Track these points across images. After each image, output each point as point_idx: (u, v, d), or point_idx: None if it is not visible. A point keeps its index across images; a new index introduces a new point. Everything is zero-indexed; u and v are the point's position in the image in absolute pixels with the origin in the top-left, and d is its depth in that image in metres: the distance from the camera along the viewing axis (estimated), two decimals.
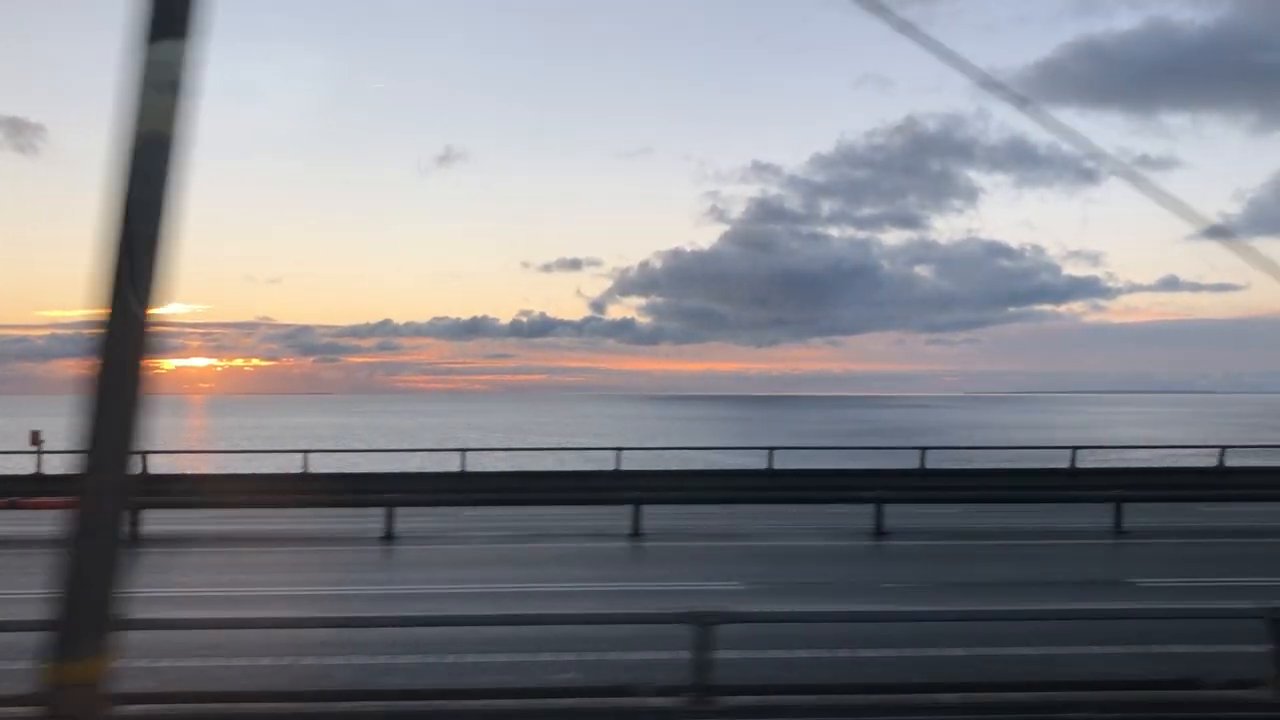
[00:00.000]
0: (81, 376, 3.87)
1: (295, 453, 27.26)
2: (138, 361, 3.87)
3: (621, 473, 25.67)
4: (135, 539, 16.58)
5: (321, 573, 14.22)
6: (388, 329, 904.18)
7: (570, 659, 8.64)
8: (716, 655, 6.83)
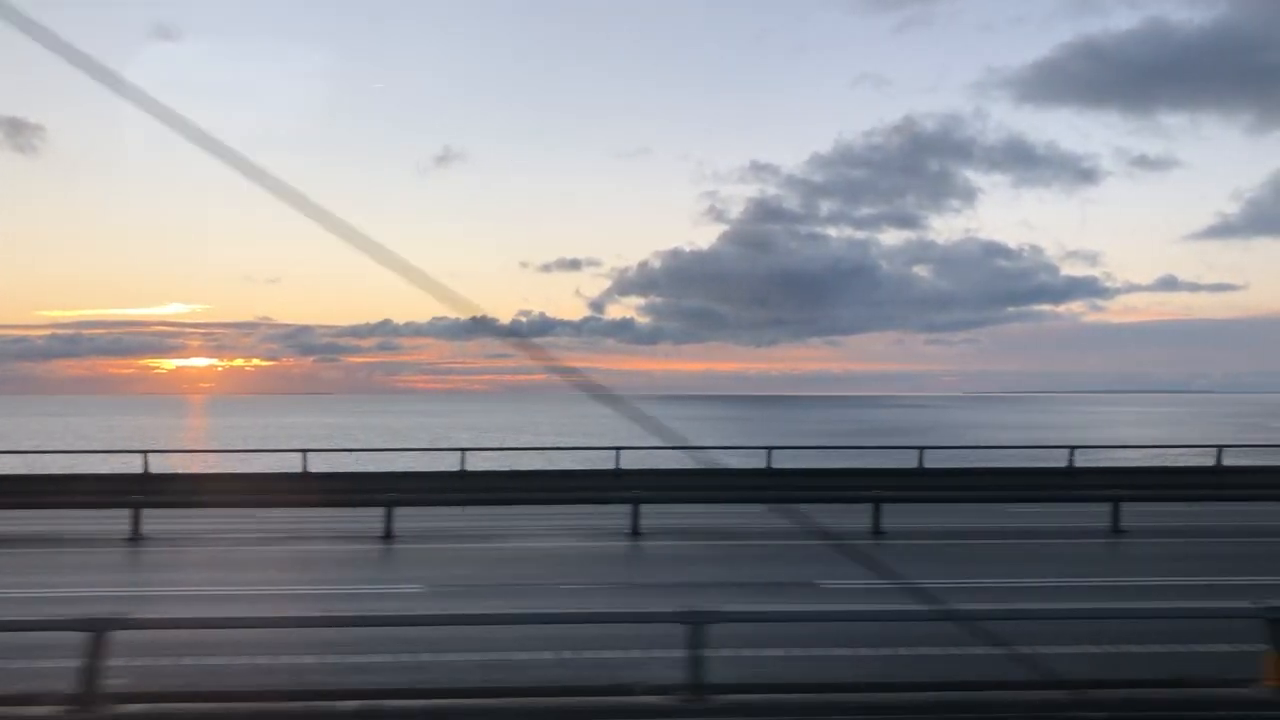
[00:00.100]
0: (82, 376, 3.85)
1: (294, 452, 27.29)
2: None
3: (620, 471, 25.71)
4: (136, 537, 16.65)
5: (321, 571, 14.23)
6: (387, 329, 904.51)
7: (568, 656, 8.66)
8: (712, 654, 6.87)
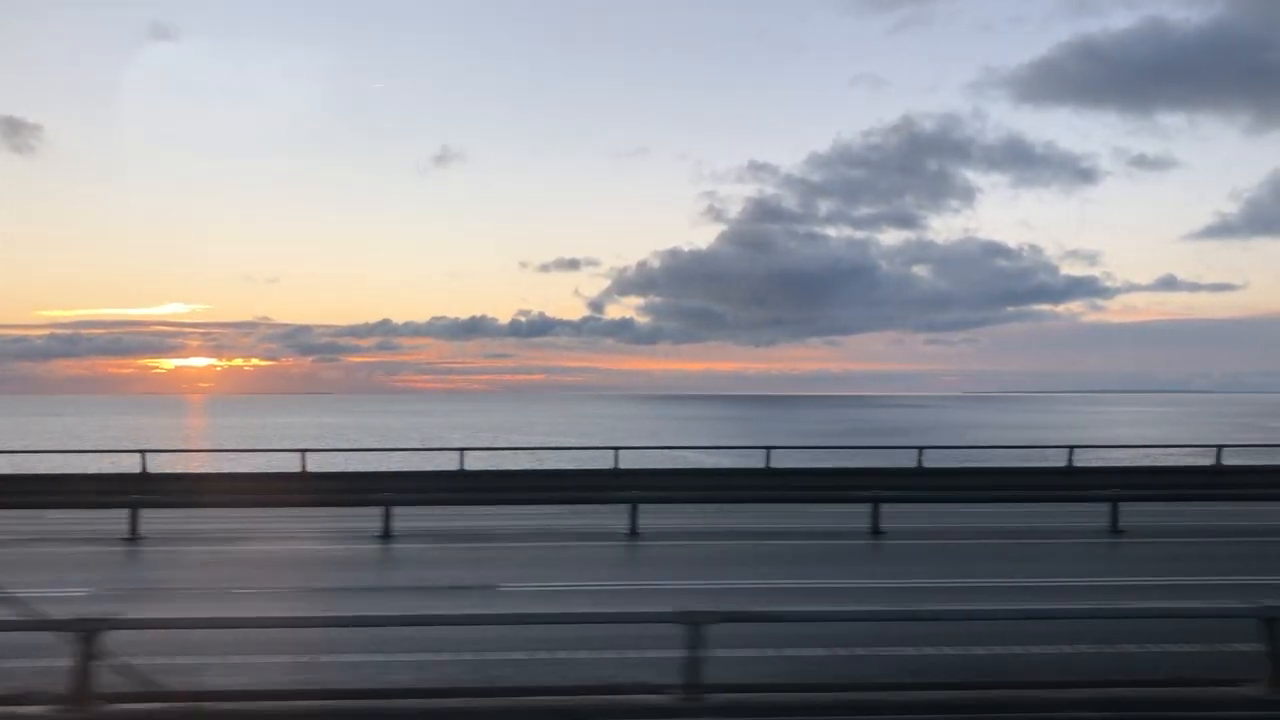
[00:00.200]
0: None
1: (292, 452, 27.30)
2: None
3: (619, 471, 25.73)
4: (134, 537, 16.64)
5: (319, 571, 14.24)
6: (387, 328, 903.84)
7: (564, 656, 8.67)
8: (710, 654, 6.88)
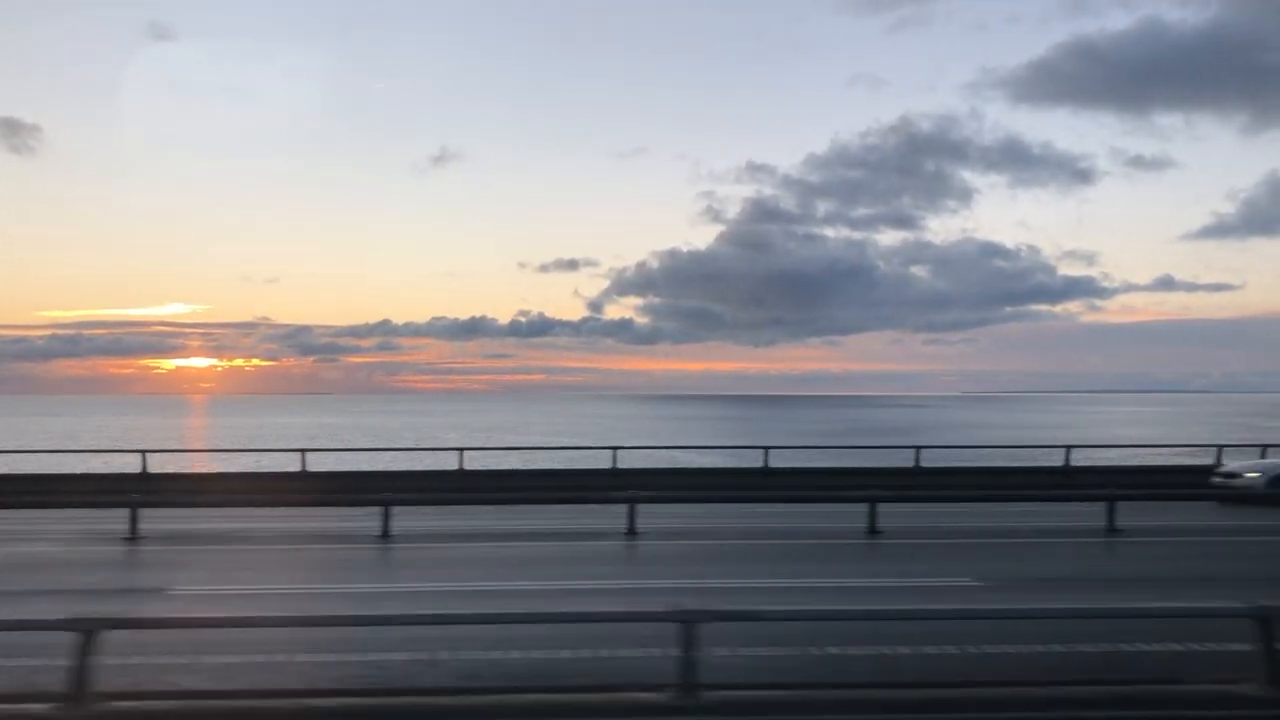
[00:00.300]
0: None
1: (292, 451, 27.34)
2: None
3: (617, 471, 25.77)
4: (134, 537, 16.64)
5: (318, 571, 14.26)
6: (387, 329, 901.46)
7: (565, 656, 8.69)
8: (705, 653, 6.91)
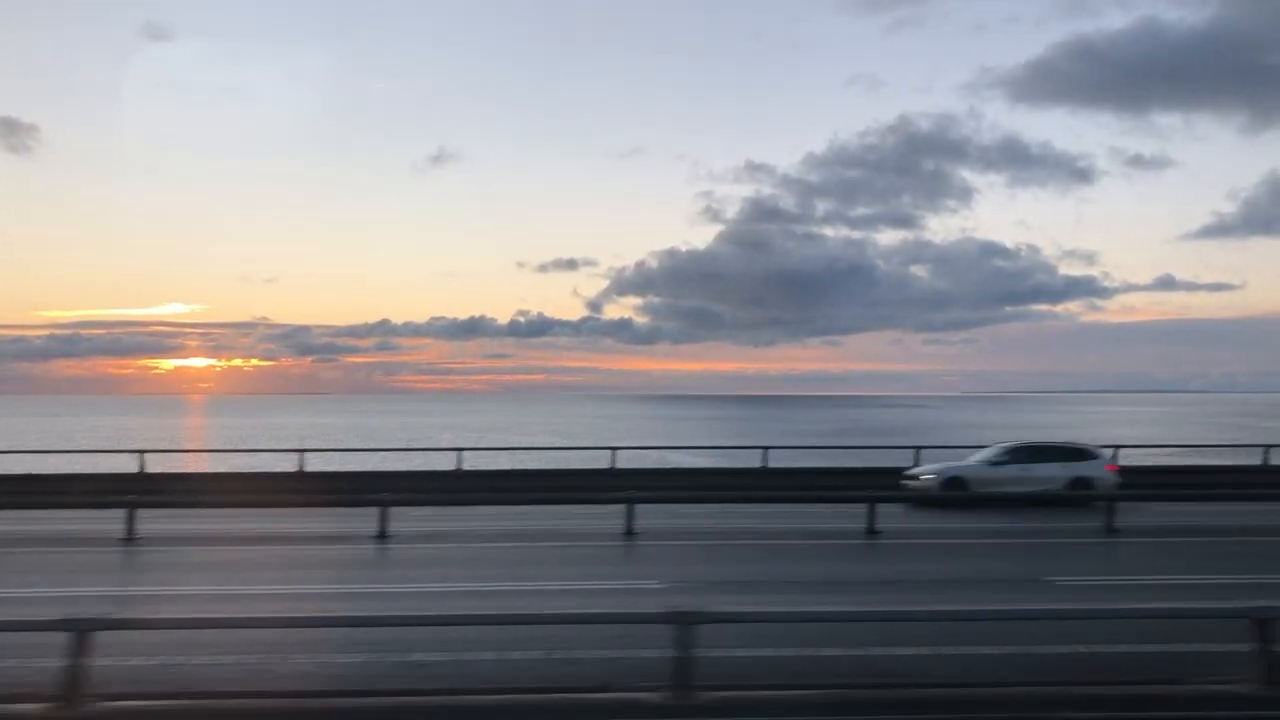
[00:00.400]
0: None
1: (291, 452, 27.33)
2: None
3: (615, 471, 25.77)
4: (131, 538, 16.62)
5: (314, 571, 14.24)
6: (386, 329, 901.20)
7: (561, 656, 8.68)
8: (701, 653, 6.91)
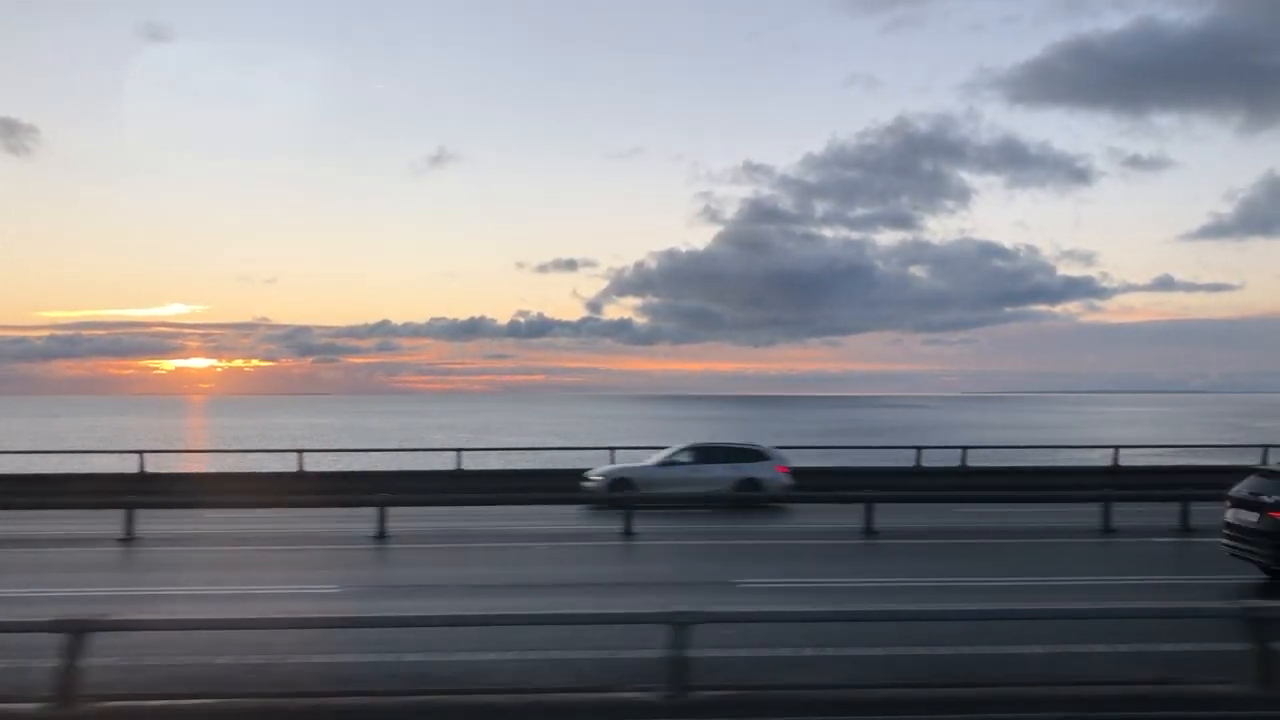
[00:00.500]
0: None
1: (289, 452, 27.32)
2: None
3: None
4: (129, 538, 16.61)
5: (312, 572, 14.24)
6: (386, 329, 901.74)
7: (556, 657, 8.68)
8: (694, 654, 6.92)
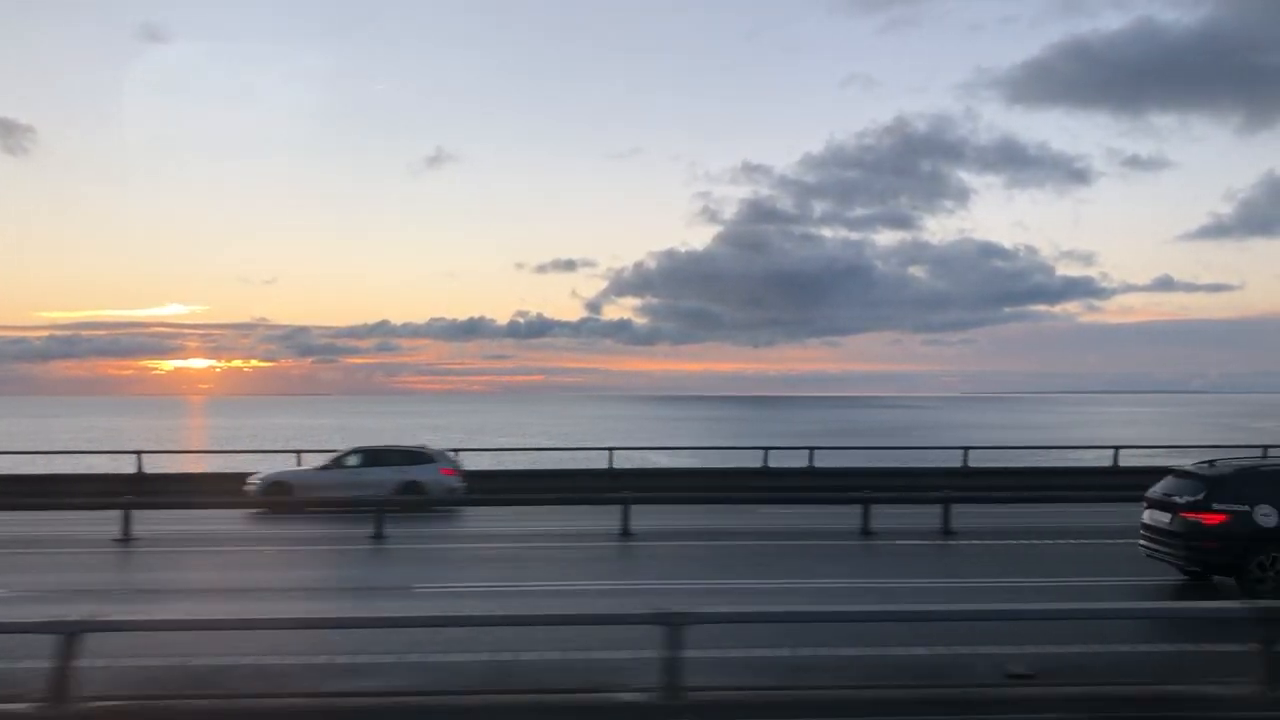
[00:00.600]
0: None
1: (287, 453, 27.30)
2: None
3: (616, 471, 25.75)
4: (126, 539, 16.55)
5: (308, 573, 14.21)
6: (385, 329, 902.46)
7: (555, 658, 8.62)
8: (691, 653, 6.86)
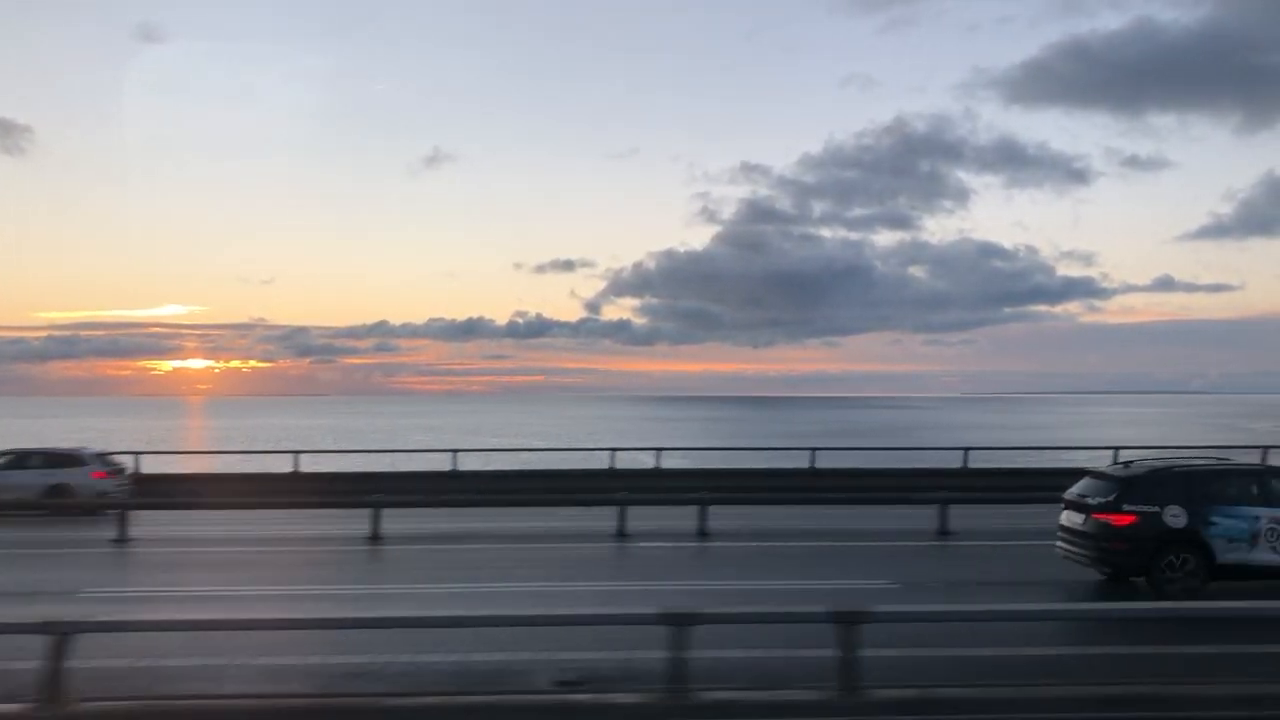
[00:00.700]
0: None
1: (286, 453, 27.24)
2: None
3: (614, 472, 25.72)
4: (124, 539, 16.55)
5: (307, 572, 14.19)
6: (384, 330, 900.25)
7: (553, 657, 8.63)
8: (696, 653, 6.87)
